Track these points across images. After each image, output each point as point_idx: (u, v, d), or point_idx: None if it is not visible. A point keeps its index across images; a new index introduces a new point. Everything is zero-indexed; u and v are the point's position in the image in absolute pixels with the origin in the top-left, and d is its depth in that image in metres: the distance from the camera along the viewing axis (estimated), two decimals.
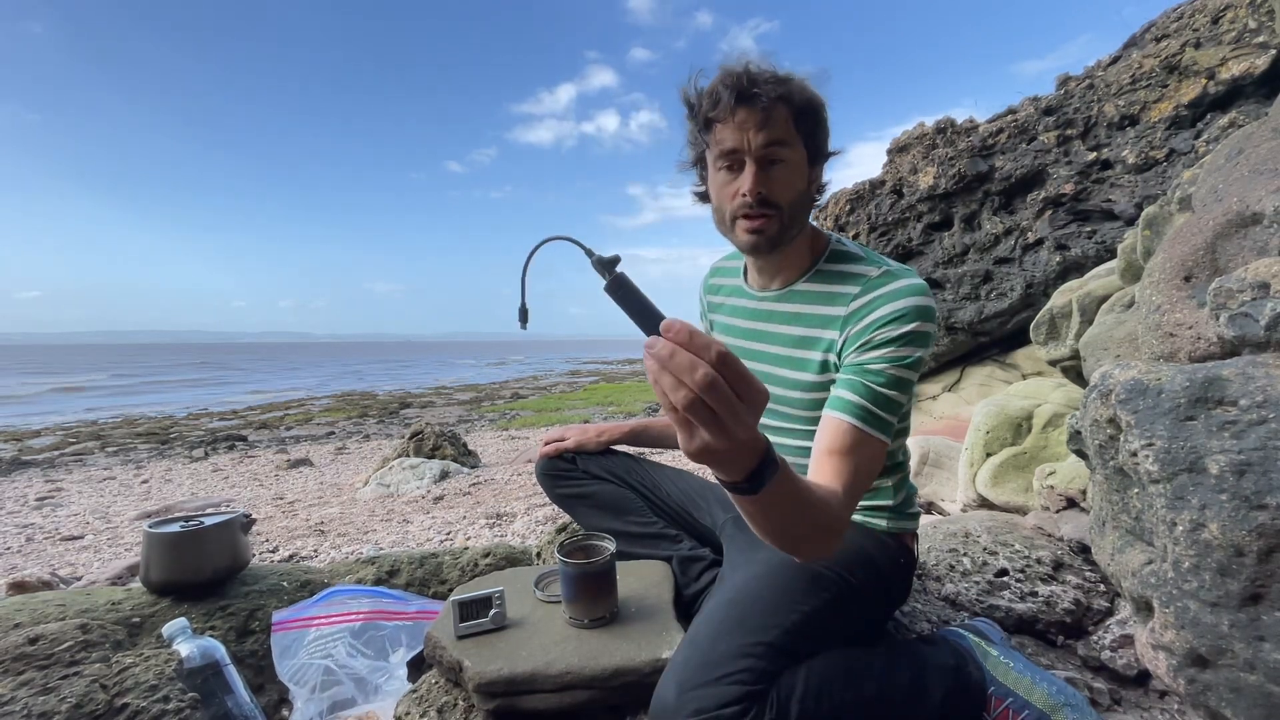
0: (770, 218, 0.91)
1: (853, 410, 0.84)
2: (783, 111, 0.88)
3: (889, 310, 0.87)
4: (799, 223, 0.95)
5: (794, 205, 0.92)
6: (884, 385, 0.85)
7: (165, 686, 0.93)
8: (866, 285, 0.91)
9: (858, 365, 0.87)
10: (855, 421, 0.83)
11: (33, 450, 7.79)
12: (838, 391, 0.87)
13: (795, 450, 1.06)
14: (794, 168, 0.91)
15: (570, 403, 12.12)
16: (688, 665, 0.76)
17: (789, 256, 1.00)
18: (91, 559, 3.01)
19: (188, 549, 1.20)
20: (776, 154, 0.90)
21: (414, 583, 1.41)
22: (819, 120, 0.92)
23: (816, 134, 0.92)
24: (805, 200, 0.94)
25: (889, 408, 0.85)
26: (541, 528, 2.74)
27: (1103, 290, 1.94)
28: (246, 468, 6.11)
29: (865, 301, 0.90)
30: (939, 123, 3.65)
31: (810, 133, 0.91)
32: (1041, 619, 1.20)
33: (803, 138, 0.91)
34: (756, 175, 0.89)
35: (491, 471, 4.69)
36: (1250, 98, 2.61)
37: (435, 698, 0.96)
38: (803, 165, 0.92)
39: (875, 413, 0.84)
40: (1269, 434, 0.69)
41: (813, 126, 0.91)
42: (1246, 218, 0.97)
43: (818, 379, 0.95)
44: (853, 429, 0.83)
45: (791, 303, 1.01)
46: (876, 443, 0.84)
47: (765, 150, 0.89)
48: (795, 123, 0.89)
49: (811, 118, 0.90)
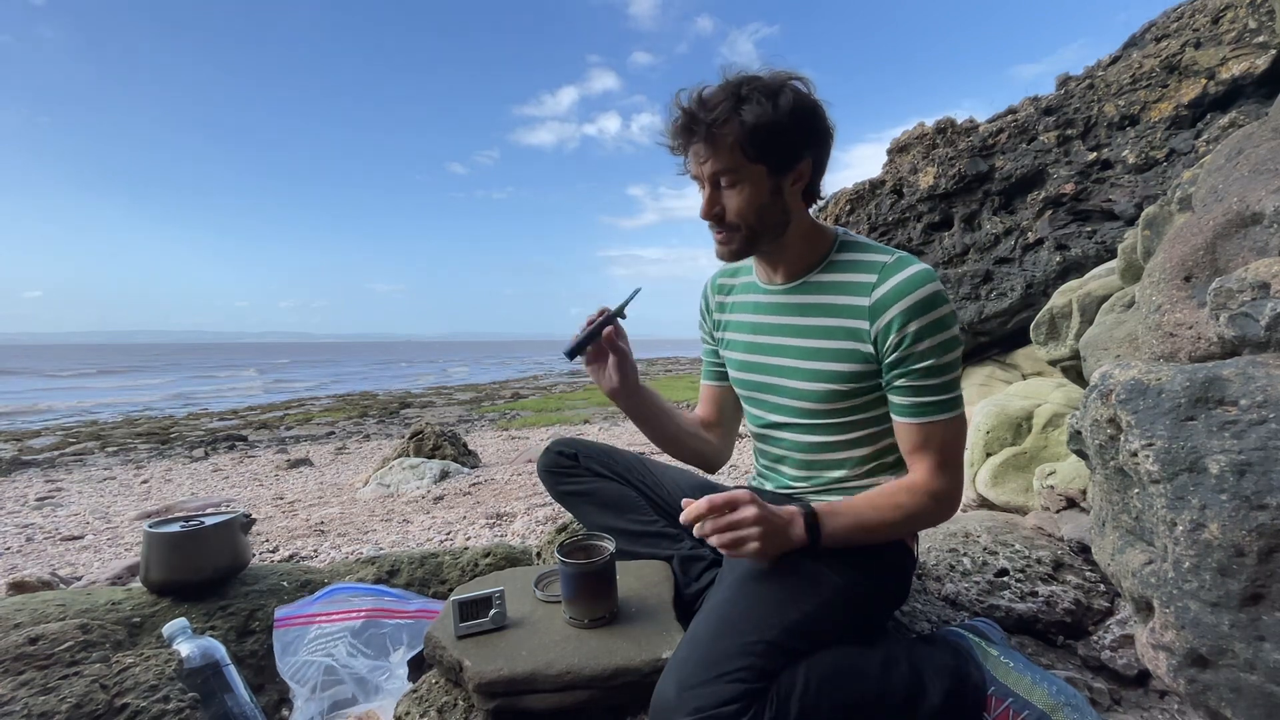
0: (730, 233, 0.98)
1: (911, 411, 0.95)
2: (730, 136, 0.90)
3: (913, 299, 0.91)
4: (769, 230, 0.98)
5: (754, 219, 0.96)
6: (930, 376, 0.93)
7: (165, 686, 0.93)
8: (884, 271, 0.95)
9: (903, 370, 0.94)
10: (916, 420, 0.94)
11: (33, 450, 7.79)
12: (894, 398, 0.96)
13: (802, 446, 1.07)
14: (748, 187, 0.94)
15: (570, 403, 12.12)
16: (688, 664, 0.76)
17: (786, 251, 1.02)
18: (91, 559, 3.01)
19: (188, 549, 1.21)
20: (726, 180, 0.94)
21: (414, 583, 1.42)
22: (780, 135, 0.91)
23: (776, 149, 0.92)
24: (771, 209, 0.96)
25: (945, 388, 0.94)
26: (541, 528, 2.73)
27: (1103, 290, 1.94)
28: (246, 468, 6.11)
29: (888, 289, 0.93)
30: (939, 123, 3.65)
31: (768, 149, 0.91)
32: (1041, 619, 1.20)
33: (758, 156, 0.92)
34: (709, 199, 0.96)
35: (491, 471, 4.69)
36: (1250, 98, 2.61)
37: (435, 697, 0.96)
38: (759, 181, 0.94)
39: (932, 401, 0.93)
40: (1269, 434, 0.69)
41: (770, 144, 0.91)
42: (1246, 218, 0.97)
43: (846, 369, 0.98)
44: (917, 427, 0.94)
45: (808, 294, 1.02)
46: (945, 422, 0.94)
47: (714, 177, 0.94)
48: (746, 145, 0.90)
49: (766, 137, 0.90)
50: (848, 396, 0.99)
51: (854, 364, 0.97)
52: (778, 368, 1.06)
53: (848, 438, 1.03)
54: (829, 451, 1.05)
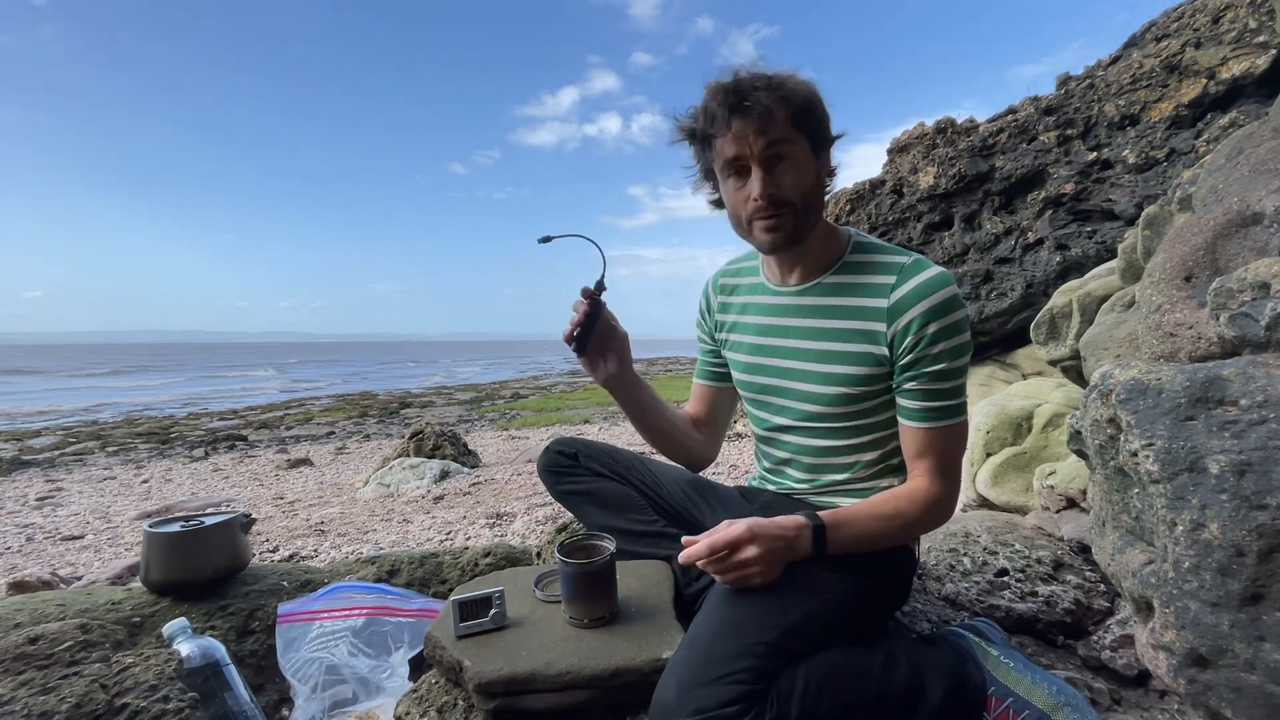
0: (784, 215, 0.94)
1: (919, 415, 0.94)
2: (780, 112, 0.90)
3: (933, 302, 0.91)
4: (815, 214, 0.97)
5: (806, 198, 0.95)
6: (941, 380, 0.93)
7: (165, 686, 0.93)
8: (902, 273, 0.94)
9: (915, 373, 0.93)
10: (923, 425, 0.94)
11: (33, 450, 7.79)
12: (903, 401, 0.96)
13: (810, 450, 1.06)
14: (800, 163, 0.93)
15: (570, 403, 12.12)
16: (688, 665, 0.76)
17: (809, 250, 1.02)
18: (92, 559, 3.01)
19: (188, 549, 1.21)
20: (780, 152, 0.92)
21: (414, 582, 1.42)
22: (817, 112, 0.94)
23: (817, 126, 0.94)
24: (818, 191, 0.97)
25: (953, 393, 0.94)
26: (541, 528, 2.74)
27: (1103, 290, 1.94)
28: (247, 467, 6.11)
29: (907, 291, 0.93)
30: (939, 123, 3.65)
31: (811, 127, 0.93)
32: (1041, 619, 1.20)
33: (804, 133, 0.93)
34: (765, 179, 0.92)
35: (491, 471, 4.69)
36: (1251, 97, 2.61)
37: (435, 697, 0.96)
38: (808, 159, 0.94)
39: (940, 406, 0.94)
40: (1269, 434, 0.69)
41: (812, 120, 0.93)
42: (1247, 217, 0.97)
43: (860, 372, 0.97)
44: (924, 432, 0.94)
45: (822, 296, 1.02)
46: (950, 428, 0.94)
47: (768, 152, 0.91)
48: (794, 120, 0.91)
49: (809, 112, 0.92)
50: (858, 400, 0.99)
51: (867, 367, 0.97)
52: (788, 370, 1.05)
53: (855, 441, 1.03)
54: (836, 455, 1.04)
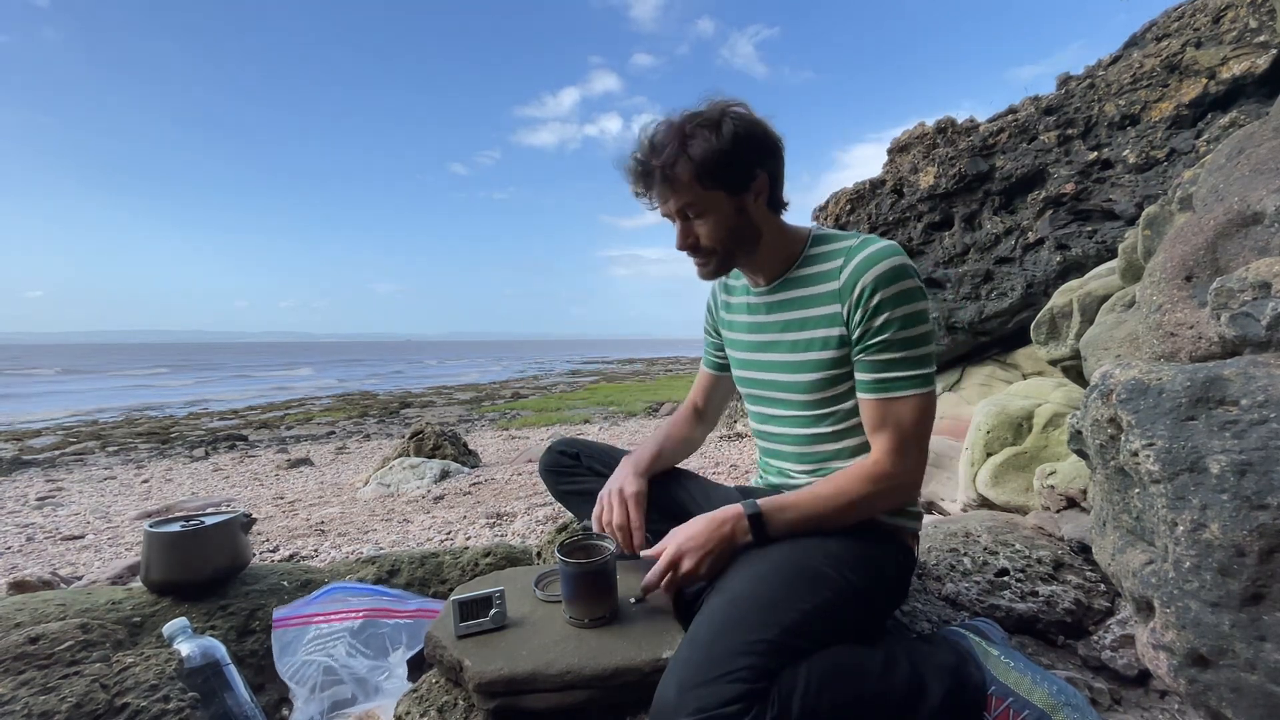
0: (708, 258, 1.04)
1: (872, 386, 0.96)
2: (684, 175, 0.96)
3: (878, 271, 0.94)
4: (743, 246, 1.04)
5: (726, 240, 1.01)
6: (892, 350, 0.94)
7: (166, 686, 0.93)
8: (849, 253, 0.98)
9: (866, 344, 0.96)
10: (877, 396, 0.96)
11: (33, 450, 7.79)
12: (858, 374, 0.98)
13: (801, 439, 1.09)
14: (713, 212, 0.99)
15: (570, 403, 12.12)
16: (689, 664, 0.76)
17: (763, 255, 1.07)
18: (92, 558, 3.01)
19: (188, 549, 1.21)
20: (690, 211, 0.99)
21: (414, 582, 1.42)
22: (730, 158, 0.95)
23: (729, 174, 0.97)
24: (740, 228, 1.01)
25: (910, 364, 0.94)
26: (541, 527, 2.74)
27: (1103, 290, 1.94)
28: (247, 467, 6.11)
29: (854, 265, 0.96)
30: (939, 122, 3.65)
31: (721, 176, 0.96)
32: (1042, 619, 1.20)
33: (714, 184, 0.97)
34: (681, 231, 1.02)
35: (492, 471, 4.69)
36: (1251, 97, 2.61)
37: (435, 697, 0.96)
38: (723, 204, 0.99)
39: (895, 377, 0.94)
40: (1270, 434, 0.69)
41: (722, 172, 0.96)
42: (1247, 217, 0.97)
43: (828, 355, 1.01)
44: (878, 403, 0.96)
45: (788, 290, 1.07)
46: (908, 399, 0.94)
47: (681, 211, 1.00)
48: (700, 177, 0.96)
49: (719, 165, 0.95)
50: (834, 383, 1.02)
51: (834, 350, 1.00)
52: (770, 364, 1.10)
53: (840, 427, 1.05)
54: (824, 443, 1.06)
